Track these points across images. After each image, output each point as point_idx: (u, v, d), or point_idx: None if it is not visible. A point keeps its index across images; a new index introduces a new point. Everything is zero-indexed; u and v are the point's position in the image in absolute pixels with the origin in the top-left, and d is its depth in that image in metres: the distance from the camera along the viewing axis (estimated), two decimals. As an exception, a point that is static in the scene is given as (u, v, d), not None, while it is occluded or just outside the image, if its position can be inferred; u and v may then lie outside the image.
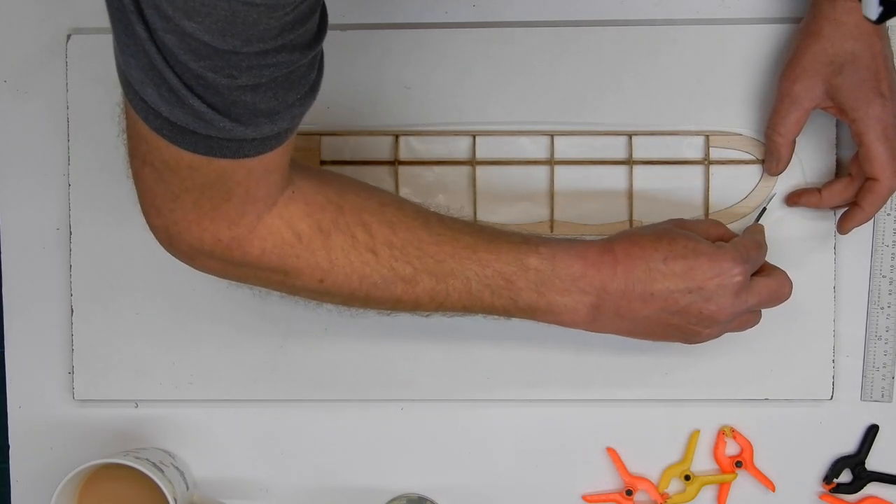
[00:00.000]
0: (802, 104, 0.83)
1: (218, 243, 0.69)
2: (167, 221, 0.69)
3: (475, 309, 0.76)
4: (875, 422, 0.88)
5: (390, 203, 0.75)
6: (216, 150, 0.64)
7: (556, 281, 0.75)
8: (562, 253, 0.76)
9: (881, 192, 0.81)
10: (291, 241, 0.71)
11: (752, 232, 0.81)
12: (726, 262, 0.75)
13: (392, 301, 0.75)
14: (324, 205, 0.72)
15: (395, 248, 0.73)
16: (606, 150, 0.88)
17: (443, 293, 0.75)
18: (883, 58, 0.81)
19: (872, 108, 0.80)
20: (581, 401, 0.88)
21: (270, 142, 0.65)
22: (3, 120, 0.90)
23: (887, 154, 0.80)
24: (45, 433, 0.90)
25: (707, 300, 0.75)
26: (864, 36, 0.80)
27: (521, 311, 0.76)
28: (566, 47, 0.87)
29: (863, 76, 0.80)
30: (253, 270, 0.72)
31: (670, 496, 0.88)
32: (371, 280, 0.73)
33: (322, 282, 0.73)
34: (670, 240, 0.76)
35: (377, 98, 0.87)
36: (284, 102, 0.64)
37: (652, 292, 0.75)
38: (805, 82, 0.82)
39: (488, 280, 0.75)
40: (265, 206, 0.69)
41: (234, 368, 0.88)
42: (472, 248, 0.75)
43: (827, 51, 0.81)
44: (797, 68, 0.82)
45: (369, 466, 0.89)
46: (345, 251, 0.72)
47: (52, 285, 0.89)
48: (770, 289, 0.78)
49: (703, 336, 0.78)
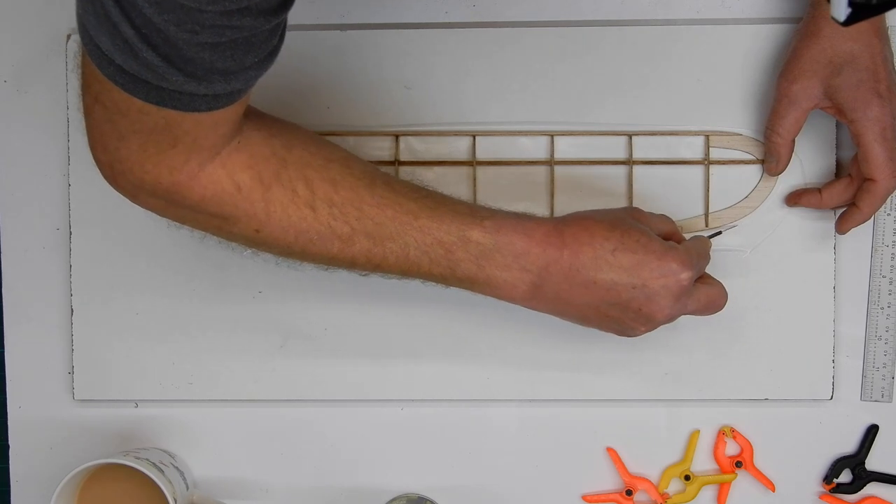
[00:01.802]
0: (801, 104, 0.83)
1: (159, 185, 0.70)
2: (112, 159, 0.69)
3: (413, 274, 0.76)
4: (875, 422, 0.88)
5: (337, 160, 0.75)
6: (167, 101, 0.64)
7: (498, 256, 0.75)
8: (507, 228, 0.75)
9: (879, 193, 0.81)
10: (231, 191, 0.71)
11: (702, 241, 0.80)
12: (674, 264, 0.75)
13: (328, 258, 0.75)
14: (268, 157, 0.72)
15: (334, 206, 0.73)
16: (606, 150, 0.88)
17: (379, 256, 0.74)
18: (882, 58, 0.81)
19: (871, 108, 0.80)
20: (581, 401, 0.88)
21: (222, 99, 0.66)
22: (3, 120, 0.90)
23: (885, 155, 0.80)
24: (45, 433, 0.90)
25: (648, 298, 0.75)
26: (863, 36, 0.80)
27: (459, 281, 0.76)
28: (566, 47, 0.87)
29: (861, 77, 0.80)
30: (192, 213, 0.73)
31: (670, 496, 0.88)
32: (307, 236, 0.73)
33: (258, 232, 0.73)
34: (623, 231, 0.75)
35: (377, 98, 0.87)
36: (242, 64, 0.64)
37: (595, 281, 0.75)
38: (803, 83, 0.82)
39: (427, 248, 0.74)
40: (209, 156, 0.70)
41: (234, 368, 0.88)
42: (415, 214, 0.74)
43: (826, 51, 0.81)
44: (796, 69, 0.82)
45: (369, 466, 0.89)
46: (283, 205, 0.72)
47: (52, 285, 0.89)
48: (709, 298, 0.78)
49: (637, 332, 0.77)
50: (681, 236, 0.80)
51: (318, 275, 0.87)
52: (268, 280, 0.88)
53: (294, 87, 0.87)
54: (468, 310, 0.86)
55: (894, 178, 0.81)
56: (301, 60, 0.87)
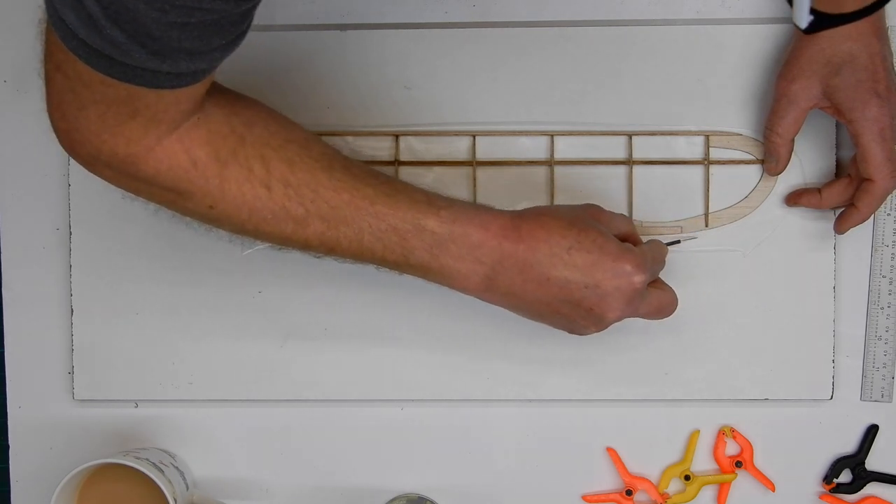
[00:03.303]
0: (800, 104, 0.83)
1: (115, 156, 0.70)
2: (70, 127, 0.69)
3: (366, 259, 0.75)
4: (875, 422, 0.88)
5: (296, 141, 0.74)
6: (130, 76, 0.64)
7: (452, 246, 0.74)
8: (463, 219, 0.75)
9: (877, 193, 0.81)
10: (186, 167, 0.71)
11: (659, 246, 0.80)
12: (629, 266, 0.74)
13: (281, 238, 0.75)
14: (226, 135, 0.72)
15: (290, 186, 0.73)
16: (606, 150, 0.88)
17: (333, 239, 0.74)
18: (881, 58, 0.80)
19: (869, 108, 0.80)
20: (581, 401, 0.88)
21: (186, 78, 0.65)
22: (3, 120, 0.90)
23: (883, 155, 0.80)
24: (45, 433, 0.90)
25: (601, 298, 0.75)
26: (862, 37, 0.80)
27: (413, 268, 0.76)
28: (566, 47, 0.87)
29: (860, 77, 0.80)
30: (146, 186, 0.72)
31: (670, 496, 0.88)
32: (261, 214, 0.73)
33: (212, 208, 0.73)
34: (580, 230, 0.75)
35: (377, 98, 0.87)
36: (209, 45, 0.64)
37: (549, 277, 0.74)
38: (802, 82, 0.82)
39: (381, 234, 0.74)
40: (167, 130, 0.70)
41: (234, 368, 0.88)
42: (371, 199, 0.74)
43: (824, 51, 0.81)
44: (794, 68, 0.82)
45: (369, 466, 0.89)
46: (238, 183, 0.72)
47: (52, 285, 0.89)
48: (661, 303, 0.78)
49: (587, 331, 0.77)
50: (638, 238, 0.80)
51: (319, 275, 0.87)
52: (268, 280, 0.88)
53: (294, 87, 0.87)
54: (469, 310, 0.86)
55: (892, 178, 0.81)
56: (301, 60, 0.87)
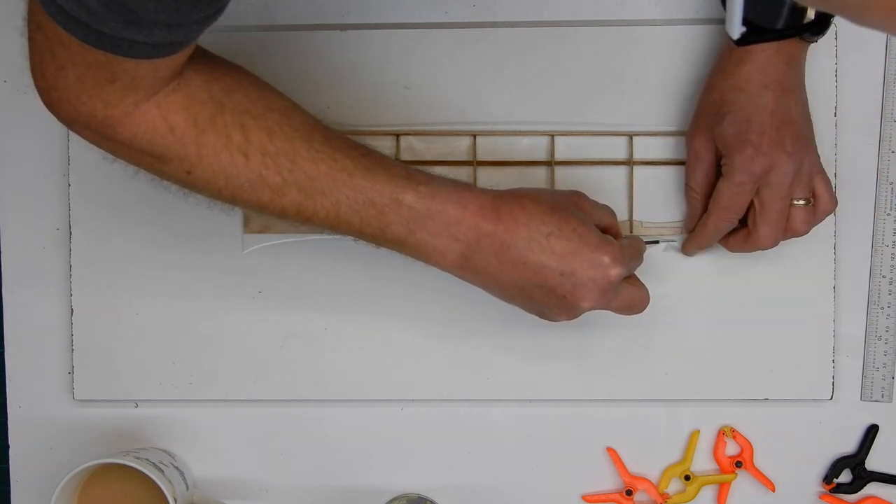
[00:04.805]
0: (704, 159, 0.83)
1: (93, 118, 0.70)
2: (49, 86, 0.69)
3: (342, 230, 0.75)
4: (875, 422, 0.88)
5: (277, 110, 0.74)
6: (106, 45, 0.64)
7: (429, 222, 0.74)
8: (442, 196, 0.74)
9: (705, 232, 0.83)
10: (163, 132, 0.71)
11: (638, 242, 0.80)
12: (607, 258, 0.74)
13: (258, 206, 0.74)
14: (205, 101, 0.72)
15: (268, 155, 0.72)
16: (606, 150, 0.88)
17: (310, 209, 0.74)
18: (770, 112, 0.79)
19: (737, 155, 0.79)
20: (581, 401, 0.88)
21: (163, 49, 0.65)
22: (3, 120, 0.90)
23: (728, 196, 0.80)
24: (45, 433, 0.90)
25: (575, 287, 0.74)
26: (752, 88, 0.79)
27: (389, 242, 0.75)
28: (566, 47, 0.87)
29: (740, 127, 0.79)
30: (124, 149, 0.72)
31: (670, 496, 0.88)
32: (237, 182, 0.73)
33: (189, 174, 0.73)
34: (561, 217, 0.75)
35: (377, 98, 0.87)
36: (187, 18, 0.63)
37: (525, 261, 0.74)
38: (699, 137, 0.83)
39: (358, 206, 0.74)
40: (146, 95, 0.70)
41: (234, 368, 0.88)
42: (349, 171, 0.73)
43: (715, 102, 0.81)
44: (694, 123, 0.84)
45: (369, 466, 0.89)
46: (216, 150, 0.72)
47: (52, 285, 0.89)
48: (634, 299, 0.78)
49: (558, 318, 0.77)
50: (619, 231, 0.80)
51: (319, 275, 0.87)
52: (268, 280, 0.88)
53: (294, 87, 0.87)
54: (469, 310, 0.86)
55: (721, 221, 0.82)
56: (301, 60, 0.87)
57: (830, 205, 0.82)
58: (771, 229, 0.80)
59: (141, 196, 0.88)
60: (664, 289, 0.87)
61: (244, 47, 0.86)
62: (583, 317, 0.78)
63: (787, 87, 0.80)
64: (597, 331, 0.87)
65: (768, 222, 0.80)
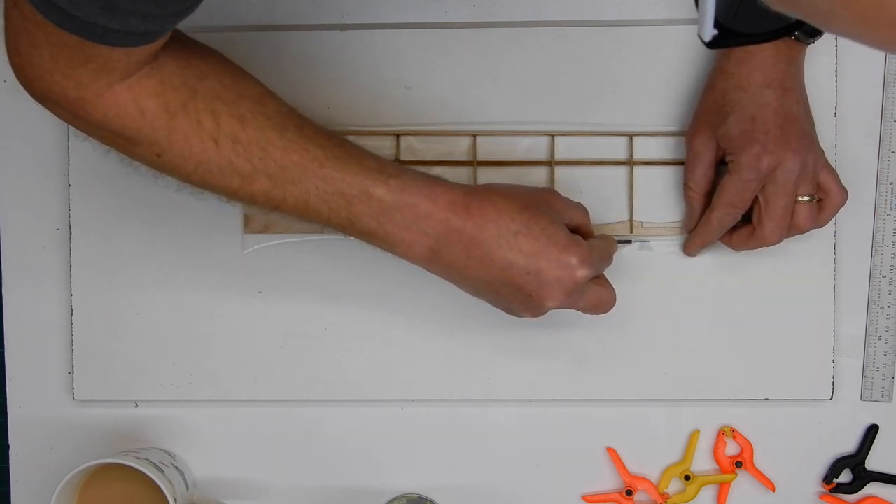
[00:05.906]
0: (704, 158, 0.83)
1: (65, 97, 0.70)
2: (24, 63, 0.69)
3: (311, 219, 0.75)
4: (875, 422, 0.88)
5: (250, 97, 0.74)
6: (80, 30, 0.64)
7: (398, 215, 0.74)
8: (412, 189, 0.74)
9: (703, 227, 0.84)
10: (134, 115, 0.71)
11: (609, 242, 0.80)
12: (574, 259, 0.74)
13: (228, 192, 0.75)
14: (178, 86, 0.72)
15: (238, 142, 0.73)
16: (606, 150, 0.88)
17: (279, 198, 0.74)
18: (773, 110, 0.79)
19: (744, 153, 0.79)
20: (581, 401, 0.88)
21: (136, 38, 0.65)
22: (3, 120, 0.90)
23: (732, 192, 0.80)
24: (45, 433, 0.90)
25: (541, 286, 0.74)
26: (754, 87, 0.79)
27: (359, 232, 0.75)
28: (566, 47, 0.87)
29: (744, 126, 0.79)
30: (96, 130, 0.73)
31: (670, 496, 0.88)
32: (207, 167, 0.73)
33: (159, 157, 0.73)
34: (531, 216, 0.74)
35: (377, 98, 0.87)
36: (165, 10, 0.64)
37: (492, 258, 0.74)
38: (701, 136, 0.83)
39: (328, 197, 0.73)
40: (119, 78, 0.70)
41: (234, 368, 0.88)
42: (320, 162, 0.73)
43: (717, 101, 0.81)
44: (695, 121, 0.84)
45: (369, 466, 0.89)
46: (186, 135, 0.72)
47: (52, 285, 0.89)
48: (600, 300, 0.78)
49: (523, 315, 0.77)
50: (591, 231, 0.80)
51: (319, 275, 0.87)
52: (268, 280, 0.88)
53: (294, 87, 0.87)
54: (469, 310, 0.86)
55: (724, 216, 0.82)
56: (301, 60, 0.87)
57: (841, 196, 0.82)
58: (776, 226, 0.81)
59: (141, 196, 0.88)
60: (664, 289, 0.87)
61: (244, 47, 0.86)
62: (582, 317, 0.78)
63: (788, 87, 0.80)
64: (597, 331, 0.87)
65: (773, 219, 0.80)
